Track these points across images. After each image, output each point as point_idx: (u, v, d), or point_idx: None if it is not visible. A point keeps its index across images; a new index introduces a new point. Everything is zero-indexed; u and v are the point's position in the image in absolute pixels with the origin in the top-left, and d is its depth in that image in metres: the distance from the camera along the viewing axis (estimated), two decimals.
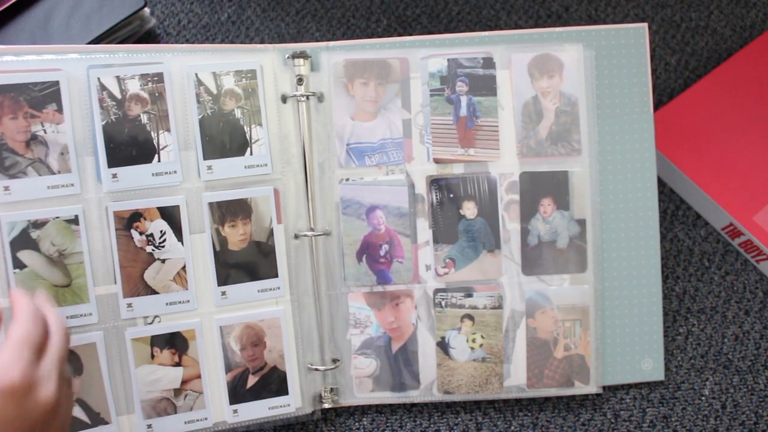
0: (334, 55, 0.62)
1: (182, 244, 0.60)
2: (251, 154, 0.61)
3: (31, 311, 0.46)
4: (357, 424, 0.66)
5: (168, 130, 0.59)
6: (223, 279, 0.61)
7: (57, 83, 0.56)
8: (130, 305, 0.59)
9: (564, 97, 0.63)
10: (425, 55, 0.63)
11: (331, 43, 0.62)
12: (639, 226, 0.65)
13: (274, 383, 0.62)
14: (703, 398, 0.67)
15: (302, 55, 0.61)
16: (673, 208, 0.73)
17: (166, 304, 0.60)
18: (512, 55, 0.63)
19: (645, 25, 0.64)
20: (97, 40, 0.67)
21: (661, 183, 0.73)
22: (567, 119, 0.63)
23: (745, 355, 0.68)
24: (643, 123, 0.64)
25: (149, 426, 0.60)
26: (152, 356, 0.60)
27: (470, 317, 0.63)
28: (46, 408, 0.43)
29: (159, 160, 0.59)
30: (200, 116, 0.60)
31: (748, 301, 0.70)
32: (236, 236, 0.61)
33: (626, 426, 0.66)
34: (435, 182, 0.63)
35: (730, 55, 0.76)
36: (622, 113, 0.64)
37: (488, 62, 0.63)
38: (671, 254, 0.71)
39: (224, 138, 0.60)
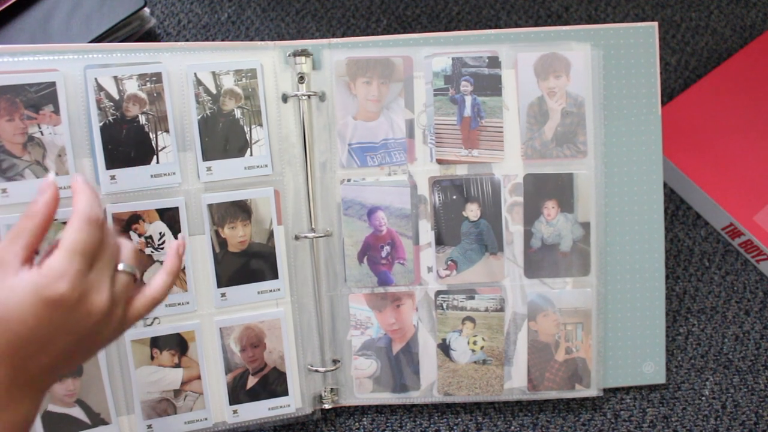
0: (336, 53, 0.61)
1: None
2: (251, 154, 0.60)
3: (88, 213, 0.41)
4: (357, 424, 0.65)
5: (167, 130, 0.58)
6: (223, 281, 0.60)
7: (53, 84, 0.56)
8: None
9: (570, 98, 0.62)
10: (429, 54, 0.62)
11: (333, 41, 0.61)
12: (644, 230, 0.64)
13: (274, 384, 0.62)
14: (703, 398, 0.67)
15: (304, 53, 0.60)
16: (673, 208, 0.73)
17: (166, 305, 0.59)
18: (518, 54, 0.62)
19: (655, 24, 0.63)
20: (97, 40, 0.66)
21: None
22: (573, 120, 0.63)
23: (745, 355, 0.69)
24: (650, 125, 0.64)
25: (149, 426, 0.60)
26: (152, 357, 0.59)
27: (471, 319, 0.63)
28: (95, 318, 0.40)
29: (158, 162, 0.58)
30: (199, 117, 0.59)
31: (748, 301, 0.70)
32: (236, 238, 0.60)
33: (626, 426, 0.66)
34: (438, 183, 0.62)
35: (730, 55, 0.76)
36: (629, 114, 0.63)
37: (494, 61, 0.62)
38: (671, 254, 0.71)
39: (224, 139, 0.59)
